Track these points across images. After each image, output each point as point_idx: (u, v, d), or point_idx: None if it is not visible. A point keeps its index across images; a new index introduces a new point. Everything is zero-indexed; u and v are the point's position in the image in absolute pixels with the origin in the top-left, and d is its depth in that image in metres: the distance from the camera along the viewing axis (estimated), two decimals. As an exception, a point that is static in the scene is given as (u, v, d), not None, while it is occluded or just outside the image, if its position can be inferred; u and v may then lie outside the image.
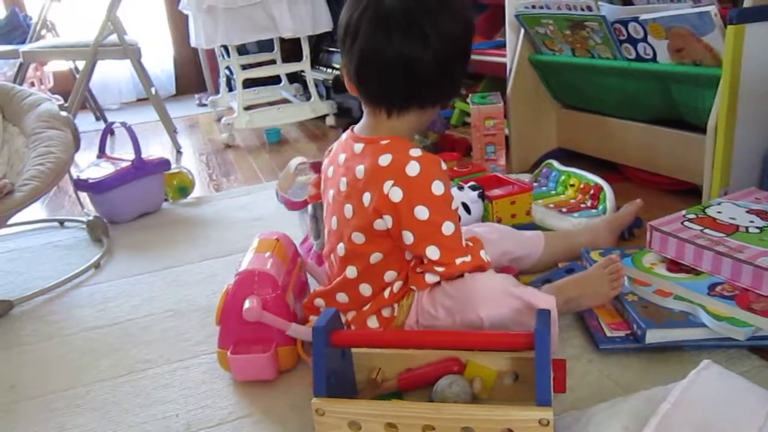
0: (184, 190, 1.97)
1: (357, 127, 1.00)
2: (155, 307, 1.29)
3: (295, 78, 3.49)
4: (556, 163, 1.63)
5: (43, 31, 3.33)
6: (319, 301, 1.02)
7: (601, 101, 1.70)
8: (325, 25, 2.70)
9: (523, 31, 1.78)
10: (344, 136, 1.02)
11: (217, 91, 4.01)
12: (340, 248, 0.98)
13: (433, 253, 0.91)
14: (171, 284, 1.39)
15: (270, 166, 2.32)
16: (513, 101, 1.83)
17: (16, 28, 3.54)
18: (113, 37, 2.63)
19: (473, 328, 0.91)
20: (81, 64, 3.34)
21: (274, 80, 3.32)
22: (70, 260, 1.60)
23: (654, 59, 1.44)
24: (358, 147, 0.96)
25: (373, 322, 0.98)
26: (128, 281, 1.44)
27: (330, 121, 2.80)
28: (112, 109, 3.93)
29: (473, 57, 2.35)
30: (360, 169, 0.94)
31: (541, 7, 1.66)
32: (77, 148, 1.58)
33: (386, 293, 0.97)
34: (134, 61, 2.68)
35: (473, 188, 1.35)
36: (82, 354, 1.15)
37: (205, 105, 3.83)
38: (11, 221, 1.48)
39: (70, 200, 2.12)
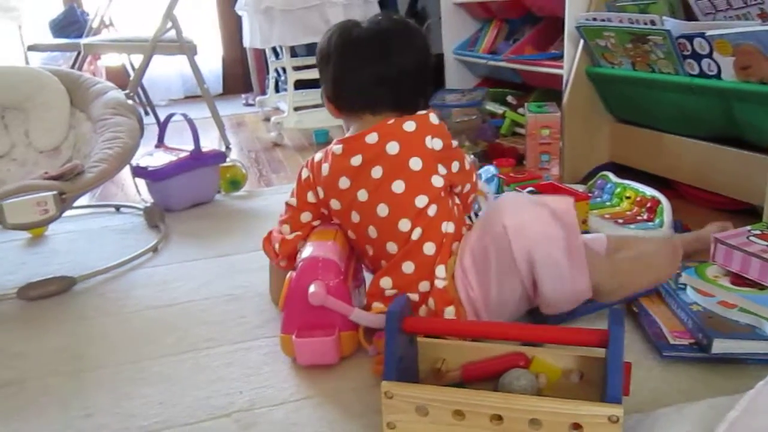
0: (236, 183, 2.01)
1: (350, 135, 1.10)
2: (213, 291, 1.32)
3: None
4: (611, 175, 1.63)
5: (99, 26, 3.44)
6: (386, 281, 1.02)
7: (658, 116, 1.70)
8: (378, 30, 2.73)
9: (582, 43, 1.79)
10: (337, 148, 1.07)
11: (262, 92, 4.09)
12: (403, 224, 1.01)
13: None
14: (228, 271, 1.42)
15: (318, 165, 2.35)
16: (568, 112, 1.84)
17: (73, 23, 3.66)
18: (170, 34, 2.70)
19: (499, 241, 0.93)
20: (135, 59, 3.44)
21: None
22: (128, 243, 1.64)
23: (718, 76, 1.44)
24: (373, 137, 1.04)
25: (441, 282, 0.99)
26: (185, 266, 1.47)
27: (377, 125, 2.83)
28: (161, 105, 4.01)
29: (524, 68, 2.37)
30: (392, 146, 1.03)
31: (603, 20, 1.66)
32: (141, 135, 1.63)
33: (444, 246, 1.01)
34: (190, 58, 2.74)
35: (532, 194, 1.36)
36: (144, 330, 1.19)
37: (251, 105, 3.90)
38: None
39: (120, 187, 2.17)
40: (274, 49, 3.44)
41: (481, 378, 0.89)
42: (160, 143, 1.96)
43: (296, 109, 2.82)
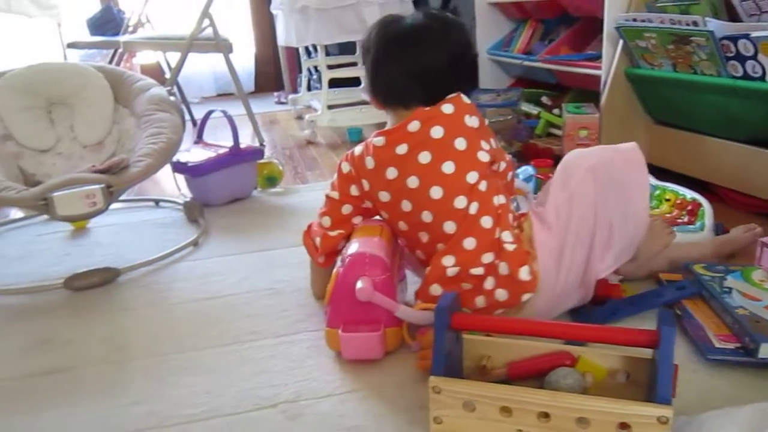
0: (273, 180, 2.04)
1: (389, 127, 1.11)
2: (254, 285, 1.34)
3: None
4: (650, 177, 1.61)
5: (136, 24, 3.50)
6: (448, 259, 1.02)
7: (698, 119, 1.68)
8: (412, 30, 2.74)
9: (621, 43, 1.78)
10: (379, 140, 1.09)
11: (294, 90, 4.12)
12: (459, 202, 1.03)
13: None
14: (268, 265, 1.44)
15: (352, 163, 2.36)
16: (606, 114, 1.83)
17: (109, 21, 3.73)
18: (207, 32, 2.74)
19: (582, 184, 1.04)
20: (170, 57, 3.50)
21: (353, 82, 3.39)
22: (168, 237, 1.67)
23: (763, 78, 1.42)
24: (415, 125, 1.06)
25: (510, 245, 1.02)
26: (226, 260, 1.50)
27: (409, 124, 2.84)
28: (194, 103, 4.06)
29: (560, 68, 2.35)
30: (436, 130, 1.05)
31: (644, 21, 1.65)
32: (183, 130, 1.65)
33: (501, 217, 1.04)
34: (226, 56, 2.77)
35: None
36: (188, 322, 1.21)
37: (283, 103, 3.93)
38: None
39: (156, 182, 2.21)
40: (307, 48, 3.47)
41: (526, 376, 0.89)
42: (199, 139, 1.99)
43: (330, 107, 2.84)
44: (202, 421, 0.91)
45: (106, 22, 3.74)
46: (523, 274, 1.00)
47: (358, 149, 1.12)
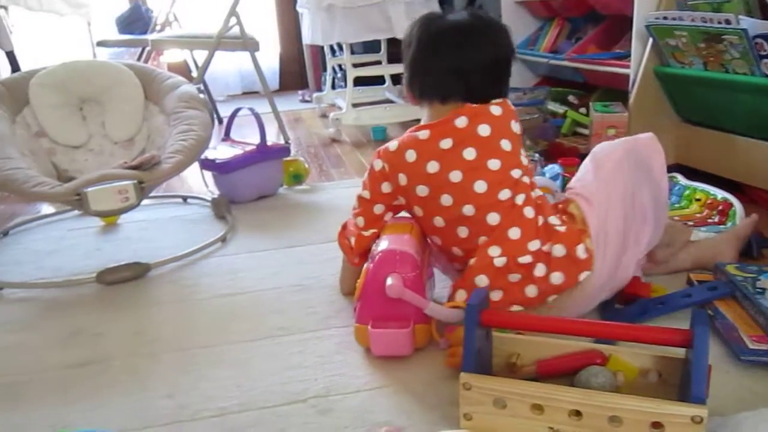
0: (298, 177, 2.05)
1: (427, 122, 1.12)
2: (282, 281, 1.35)
3: (398, 80, 3.56)
4: (680, 177, 1.60)
5: (164, 22, 3.54)
6: (494, 250, 1.03)
7: (729, 118, 1.66)
8: (438, 29, 2.74)
9: (650, 42, 1.76)
10: (423, 133, 1.09)
11: (318, 89, 4.13)
12: (504, 194, 1.05)
13: None
14: (296, 262, 1.45)
15: (377, 162, 2.37)
16: (634, 112, 1.81)
17: (138, 20, 3.77)
18: (234, 30, 2.76)
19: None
20: (196, 55, 3.53)
21: (376, 80, 3.40)
22: (196, 233, 1.69)
23: (797, 77, 1.40)
24: (462, 121, 1.07)
25: (560, 227, 1.05)
26: (253, 256, 1.51)
27: (434, 123, 2.83)
28: (219, 101, 4.10)
29: (588, 67, 2.33)
30: (484, 128, 1.07)
31: (674, 19, 1.63)
32: (213, 127, 1.67)
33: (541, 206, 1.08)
34: (252, 54, 2.80)
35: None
36: (217, 317, 1.22)
37: (307, 101, 3.95)
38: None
39: (182, 179, 2.23)
40: (331, 47, 3.49)
41: (555, 374, 0.89)
42: (227, 137, 2.01)
43: (354, 105, 2.84)
44: (234, 414, 0.92)
45: (135, 21, 3.79)
46: (580, 252, 1.02)
47: (392, 144, 1.12)
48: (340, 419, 0.89)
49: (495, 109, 1.09)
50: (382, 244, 1.05)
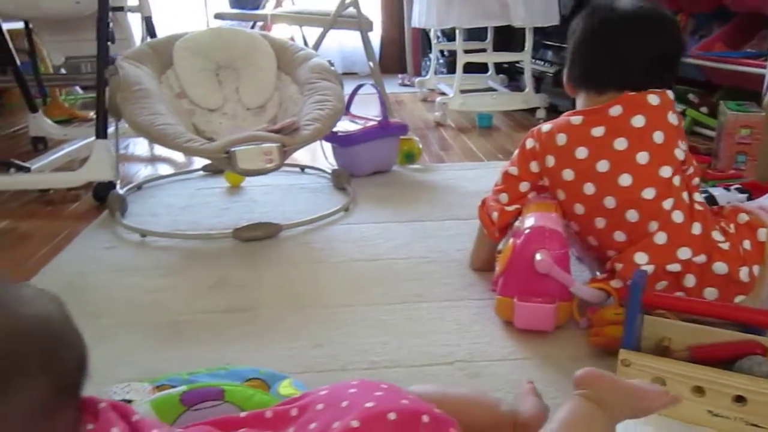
0: (411, 156, 2.09)
1: (582, 110, 1.12)
2: (411, 252, 1.39)
3: (501, 69, 3.55)
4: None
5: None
6: (641, 257, 1.03)
7: None
8: (554, 18, 2.71)
9: (793, 42, 1.70)
10: (576, 119, 1.10)
11: (417, 74, 4.17)
12: (647, 192, 1.03)
13: None
14: (421, 235, 1.49)
15: (486, 147, 2.38)
16: (769, 114, 1.75)
17: (250, -5, 3.90)
18: (350, 10, 2.82)
19: None
20: (307, 32, 3.62)
21: (480, 68, 3.39)
22: (318, 201, 1.76)
23: None
24: (617, 109, 1.06)
25: (723, 244, 1.03)
26: (378, 226, 1.56)
27: (540, 114, 2.81)
28: (320, 79, 4.18)
29: (714, 65, 2.24)
30: (637, 119, 1.05)
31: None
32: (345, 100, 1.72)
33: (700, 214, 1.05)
34: (364, 34, 2.85)
35: (740, 191, 1.32)
36: (353, 280, 1.28)
37: (407, 85, 3.99)
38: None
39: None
40: (441, 31, 3.51)
41: (710, 361, 0.89)
42: (347, 111, 2.06)
43: (462, 91, 2.85)
44: (384, 368, 0.96)
45: (247, -4, 3.92)
46: (743, 274, 1.00)
47: (546, 126, 1.14)
48: (490, 384, 0.91)
49: (652, 99, 1.07)
50: (529, 221, 1.07)
